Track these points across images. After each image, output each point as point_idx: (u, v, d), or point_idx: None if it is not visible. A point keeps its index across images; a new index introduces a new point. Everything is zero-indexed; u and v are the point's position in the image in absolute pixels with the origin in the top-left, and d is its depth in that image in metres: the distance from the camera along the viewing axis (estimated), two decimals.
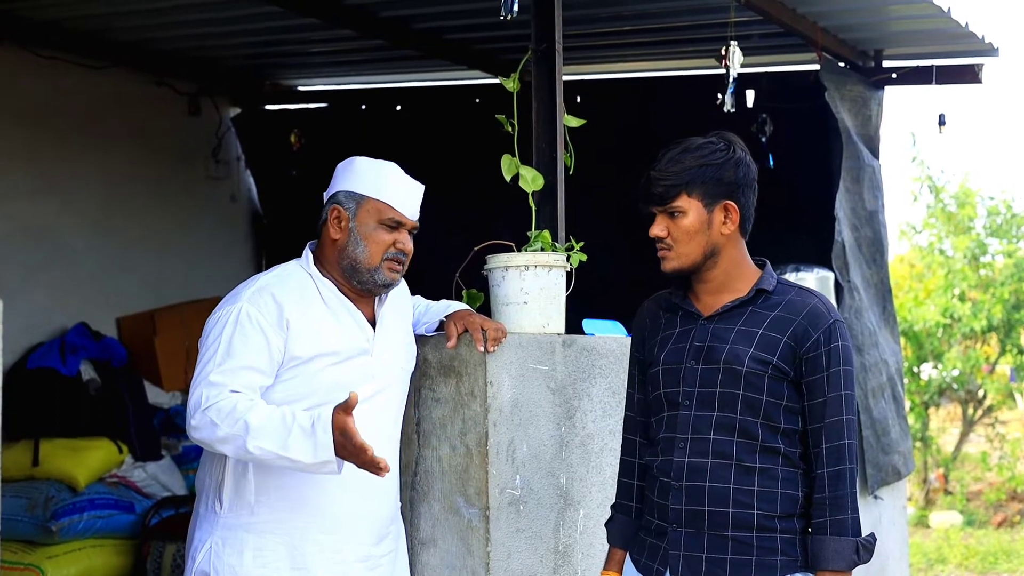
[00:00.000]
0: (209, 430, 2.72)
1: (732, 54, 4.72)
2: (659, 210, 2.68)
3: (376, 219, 2.96)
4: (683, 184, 2.64)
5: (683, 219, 2.65)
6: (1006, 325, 10.84)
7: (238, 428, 2.68)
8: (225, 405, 2.72)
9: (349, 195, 2.98)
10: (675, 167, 2.64)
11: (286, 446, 2.66)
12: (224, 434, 2.70)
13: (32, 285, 5.80)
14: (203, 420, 2.73)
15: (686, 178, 2.64)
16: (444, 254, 3.22)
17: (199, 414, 2.74)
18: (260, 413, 2.70)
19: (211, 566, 2.85)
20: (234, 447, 2.71)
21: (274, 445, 2.67)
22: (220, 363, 2.78)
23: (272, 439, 2.67)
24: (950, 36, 5.51)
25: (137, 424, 5.52)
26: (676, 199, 2.65)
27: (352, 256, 2.96)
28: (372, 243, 2.96)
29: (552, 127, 3.73)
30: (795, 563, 2.63)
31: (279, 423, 2.69)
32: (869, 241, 5.69)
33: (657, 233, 2.69)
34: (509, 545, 3.26)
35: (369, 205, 2.97)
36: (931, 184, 11.35)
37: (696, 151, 2.65)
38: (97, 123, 6.26)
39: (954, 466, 11.17)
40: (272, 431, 2.68)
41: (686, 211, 2.65)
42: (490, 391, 3.23)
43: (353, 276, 2.97)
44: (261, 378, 2.82)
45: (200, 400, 2.75)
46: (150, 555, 5.12)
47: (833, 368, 2.62)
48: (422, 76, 6.86)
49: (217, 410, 2.72)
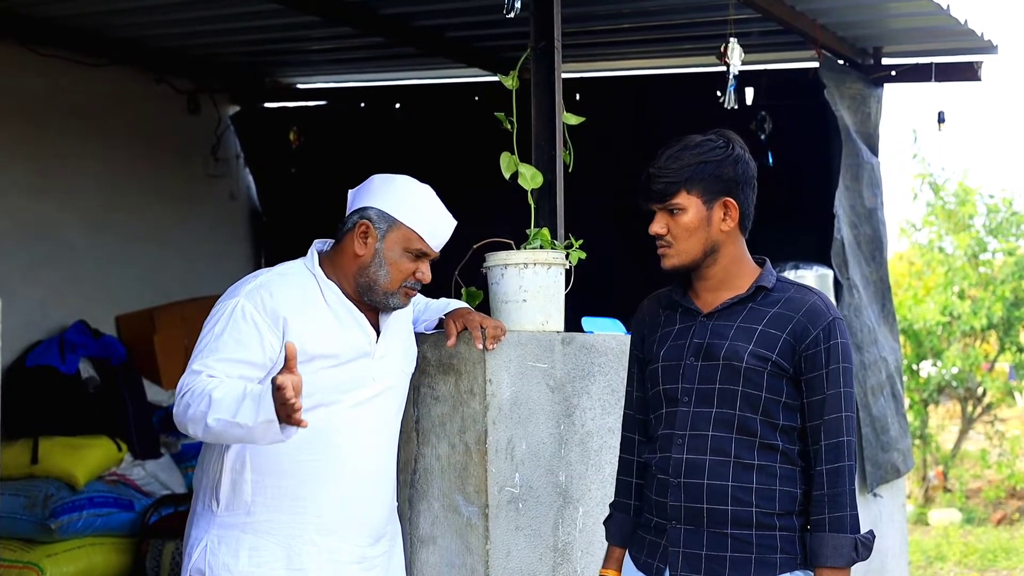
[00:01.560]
0: (182, 413, 2.68)
1: (732, 51, 4.72)
2: (658, 207, 2.68)
3: (403, 246, 2.94)
4: (682, 181, 2.64)
5: (682, 216, 2.65)
6: (1006, 323, 10.84)
7: (203, 405, 2.63)
8: (197, 386, 2.68)
9: (382, 215, 2.93)
10: (674, 164, 2.64)
11: (236, 412, 2.58)
12: (192, 412, 2.65)
13: (31, 283, 5.79)
14: (181, 405, 2.70)
15: (685, 175, 2.64)
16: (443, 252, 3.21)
17: (177, 399, 2.72)
18: (223, 387, 2.65)
19: (206, 564, 2.85)
20: (201, 426, 2.64)
21: (227, 414, 2.59)
22: (206, 354, 2.76)
23: (226, 409, 2.59)
24: (949, 33, 5.50)
25: (136, 422, 5.52)
26: (675, 196, 2.65)
27: (372, 276, 2.94)
28: (395, 270, 2.94)
29: (551, 124, 3.73)
30: (794, 560, 2.63)
31: (236, 394, 2.61)
32: (868, 239, 5.69)
33: (657, 230, 2.69)
34: (508, 543, 3.26)
35: (400, 231, 2.93)
36: (931, 182, 11.35)
37: (695, 148, 2.65)
38: (96, 121, 6.25)
39: (953, 464, 11.17)
40: (229, 402, 2.60)
41: (685, 208, 2.65)
42: (489, 389, 3.23)
43: (366, 293, 2.96)
44: (246, 370, 2.77)
45: (181, 387, 2.73)
46: (149, 553, 5.12)
47: (832, 365, 2.62)
48: (421, 74, 6.86)
49: (192, 392, 2.68)
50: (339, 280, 2.97)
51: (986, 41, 5.59)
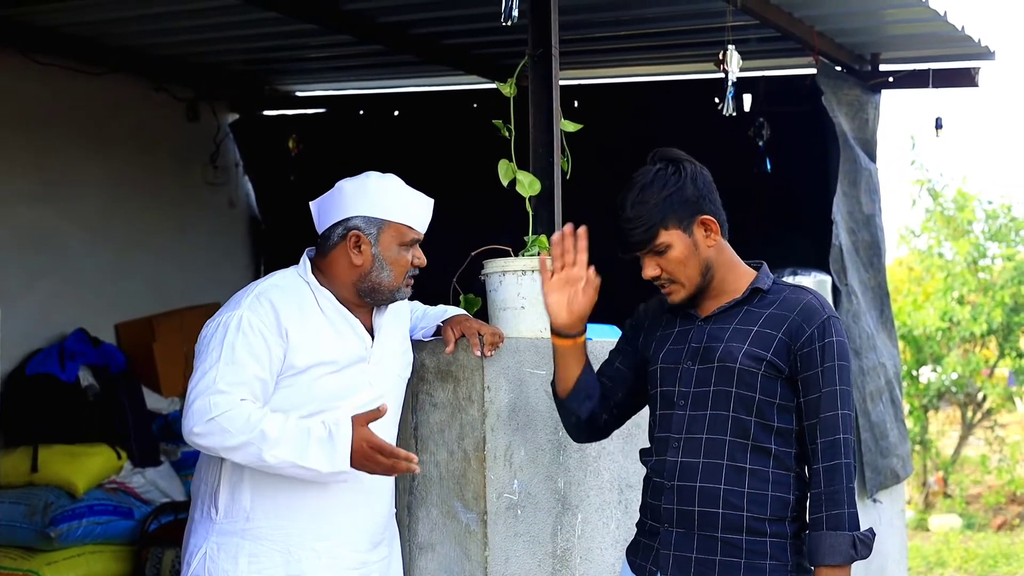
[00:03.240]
0: (219, 437, 2.71)
1: (730, 58, 4.72)
2: (644, 253, 2.69)
3: (398, 242, 2.97)
4: (658, 222, 2.65)
5: (671, 252, 2.67)
6: (1005, 328, 10.85)
7: (254, 436, 2.68)
8: (237, 414, 2.71)
9: (369, 220, 2.94)
10: (643, 209, 2.66)
11: (304, 456, 2.69)
12: (237, 442, 2.69)
13: (31, 291, 5.79)
14: (212, 427, 2.71)
15: (658, 216, 2.65)
16: (441, 259, 3.22)
17: (207, 422, 2.71)
18: (275, 422, 2.71)
19: (206, 571, 2.85)
20: (246, 455, 2.71)
21: (292, 455, 2.69)
22: (226, 371, 2.76)
23: (290, 448, 2.69)
24: (947, 40, 5.51)
25: (136, 430, 5.52)
26: (657, 238, 2.66)
27: (376, 280, 2.96)
28: (396, 266, 2.97)
29: (549, 132, 3.73)
30: (785, 568, 2.63)
31: (296, 433, 2.71)
32: (867, 245, 5.69)
33: (651, 275, 2.71)
34: (507, 550, 3.26)
35: (392, 229, 2.96)
36: (929, 188, 11.37)
37: (652, 186, 2.66)
38: (96, 129, 6.26)
39: (953, 469, 11.17)
40: (290, 440, 2.69)
41: (671, 244, 2.67)
42: (488, 396, 3.23)
43: (370, 295, 2.98)
44: (263, 388, 2.82)
45: (208, 407, 2.72)
46: (149, 561, 5.12)
47: (828, 363, 2.62)
48: (420, 81, 6.87)
49: (229, 418, 2.70)
50: (332, 287, 2.98)
51: (983, 47, 5.60)
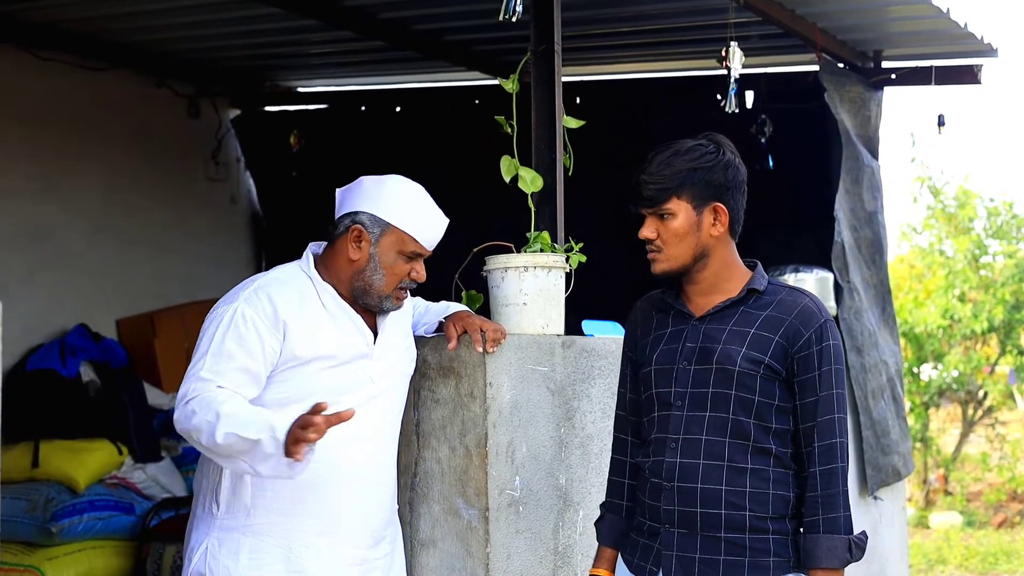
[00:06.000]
0: (187, 420, 2.70)
1: (732, 55, 4.72)
2: (648, 212, 2.68)
3: (398, 249, 2.95)
4: (673, 187, 2.64)
5: (672, 221, 2.66)
6: (1006, 326, 10.84)
7: (211, 416, 2.65)
8: (206, 396, 2.70)
9: (375, 220, 2.93)
10: (665, 170, 2.65)
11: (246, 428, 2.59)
12: (198, 422, 2.67)
13: (32, 286, 5.80)
14: (186, 411, 2.72)
15: (676, 181, 2.64)
16: (443, 255, 3.21)
17: (182, 405, 2.73)
18: (234, 402, 2.69)
19: (207, 567, 2.86)
20: (205, 436, 2.66)
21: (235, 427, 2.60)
22: (212, 362, 2.77)
23: (236, 423, 2.61)
24: (949, 37, 5.51)
25: (137, 426, 5.51)
26: (666, 202, 2.65)
27: (367, 281, 2.95)
28: (390, 273, 2.95)
29: (551, 128, 3.73)
30: (787, 564, 2.64)
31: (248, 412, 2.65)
32: (869, 242, 5.69)
33: (646, 235, 2.69)
34: (509, 546, 3.26)
35: (394, 235, 2.94)
36: (931, 185, 11.36)
37: (686, 154, 2.65)
38: (97, 125, 6.26)
39: (954, 467, 11.17)
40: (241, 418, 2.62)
41: (676, 213, 2.65)
42: (489, 392, 3.23)
43: (361, 296, 2.97)
44: (251, 381, 2.81)
45: (187, 393, 2.74)
46: (150, 556, 5.12)
47: (824, 367, 2.62)
48: (422, 77, 6.86)
49: (199, 401, 2.70)
50: (334, 282, 2.97)
51: (986, 44, 5.59)
